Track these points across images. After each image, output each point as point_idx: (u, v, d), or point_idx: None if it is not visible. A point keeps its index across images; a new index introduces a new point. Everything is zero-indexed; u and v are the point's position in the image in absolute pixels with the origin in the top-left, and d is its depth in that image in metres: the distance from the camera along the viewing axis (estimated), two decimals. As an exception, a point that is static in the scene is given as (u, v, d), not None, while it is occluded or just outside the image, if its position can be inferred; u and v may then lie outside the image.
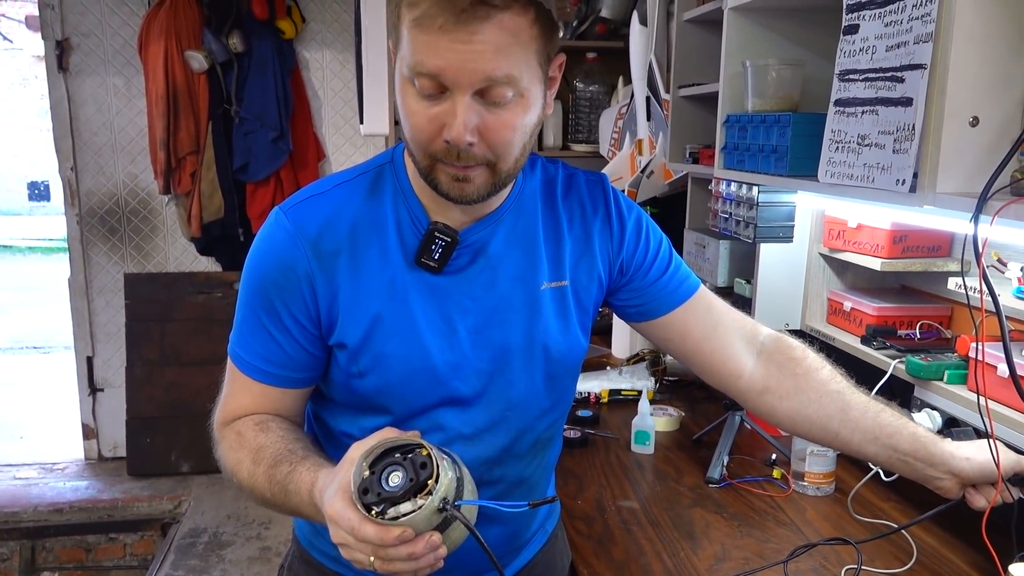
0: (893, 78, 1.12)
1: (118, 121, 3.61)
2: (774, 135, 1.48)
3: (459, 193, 0.94)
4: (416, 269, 1.00)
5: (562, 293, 1.08)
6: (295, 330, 1.00)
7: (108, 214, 3.68)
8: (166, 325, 3.64)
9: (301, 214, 0.99)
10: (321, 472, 0.88)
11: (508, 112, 0.89)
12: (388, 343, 1.00)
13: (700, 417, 2.01)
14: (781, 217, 1.65)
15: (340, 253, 0.99)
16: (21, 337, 6.68)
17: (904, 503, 1.55)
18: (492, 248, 1.04)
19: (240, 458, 0.98)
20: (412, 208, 1.01)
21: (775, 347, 1.18)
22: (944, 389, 1.35)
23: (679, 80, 2.14)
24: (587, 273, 1.10)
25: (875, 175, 1.17)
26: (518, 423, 1.09)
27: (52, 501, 3.43)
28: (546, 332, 1.06)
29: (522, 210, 1.06)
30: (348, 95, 3.70)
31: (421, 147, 0.92)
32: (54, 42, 3.50)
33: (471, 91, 0.86)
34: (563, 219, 1.09)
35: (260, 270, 1.00)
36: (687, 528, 1.46)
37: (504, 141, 0.90)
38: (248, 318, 1.02)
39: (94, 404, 3.81)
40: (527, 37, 0.87)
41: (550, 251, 1.07)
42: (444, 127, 0.88)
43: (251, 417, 1.03)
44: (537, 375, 1.08)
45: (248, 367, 1.02)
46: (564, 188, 1.11)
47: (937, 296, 1.63)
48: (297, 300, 0.99)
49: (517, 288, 1.05)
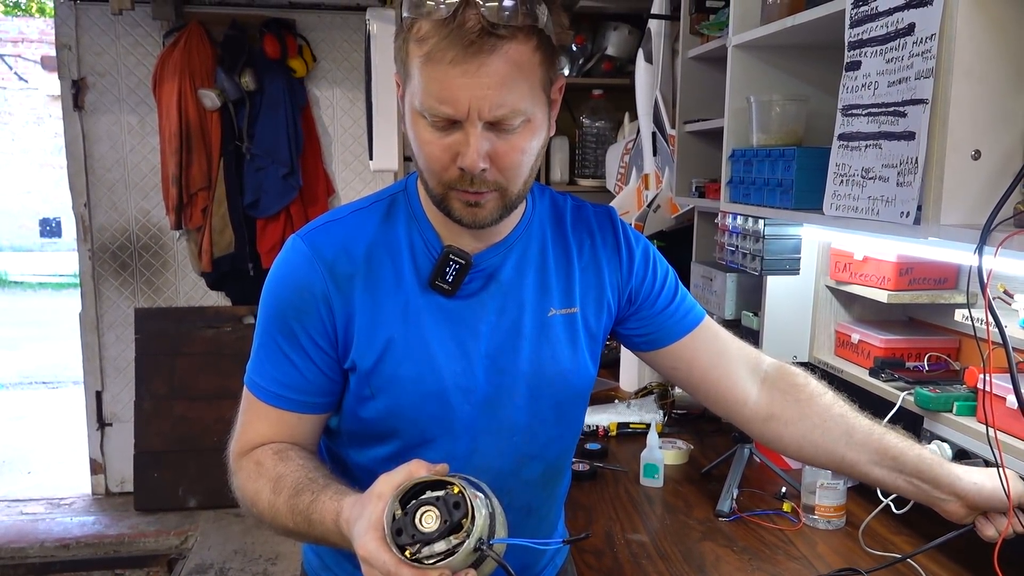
0: (895, 113, 1.14)
1: (131, 158, 3.67)
2: (779, 169, 1.50)
3: (472, 218, 0.96)
4: (429, 293, 1.02)
5: (572, 320, 1.09)
6: (313, 352, 1.01)
7: (120, 249, 3.72)
8: (176, 359, 3.66)
9: (317, 238, 1.02)
10: (345, 501, 0.88)
11: (517, 137, 0.93)
12: (401, 366, 1.01)
13: (709, 450, 2.00)
14: (787, 250, 1.66)
15: (355, 277, 1.01)
16: (30, 372, 6.70)
17: (916, 536, 1.54)
18: (503, 274, 1.05)
19: (259, 488, 0.98)
20: (425, 234, 1.04)
21: (778, 375, 1.19)
22: (953, 421, 1.35)
23: (684, 115, 2.17)
24: (596, 301, 1.12)
25: (879, 208, 1.18)
26: (526, 449, 1.09)
27: (59, 536, 3.42)
28: (555, 358, 1.07)
29: (532, 237, 1.09)
30: (357, 132, 3.75)
31: (435, 175, 0.95)
32: (70, 81, 3.57)
33: (482, 122, 0.90)
34: (573, 247, 1.11)
35: (278, 294, 1.02)
36: (697, 562, 1.45)
37: (514, 164, 0.94)
38: (266, 344, 1.03)
39: (102, 439, 3.81)
40: (531, 66, 0.91)
41: (560, 278, 1.09)
42: (457, 155, 0.91)
43: (269, 446, 1.03)
44: (546, 401, 1.08)
45: (265, 393, 1.03)
46: (573, 218, 1.13)
47: (944, 328, 1.64)
48: (315, 321, 1.00)
49: (528, 314, 1.06)
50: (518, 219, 1.07)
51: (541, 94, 0.94)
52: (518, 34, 0.88)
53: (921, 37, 1.08)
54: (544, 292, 1.08)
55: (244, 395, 1.06)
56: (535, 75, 0.92)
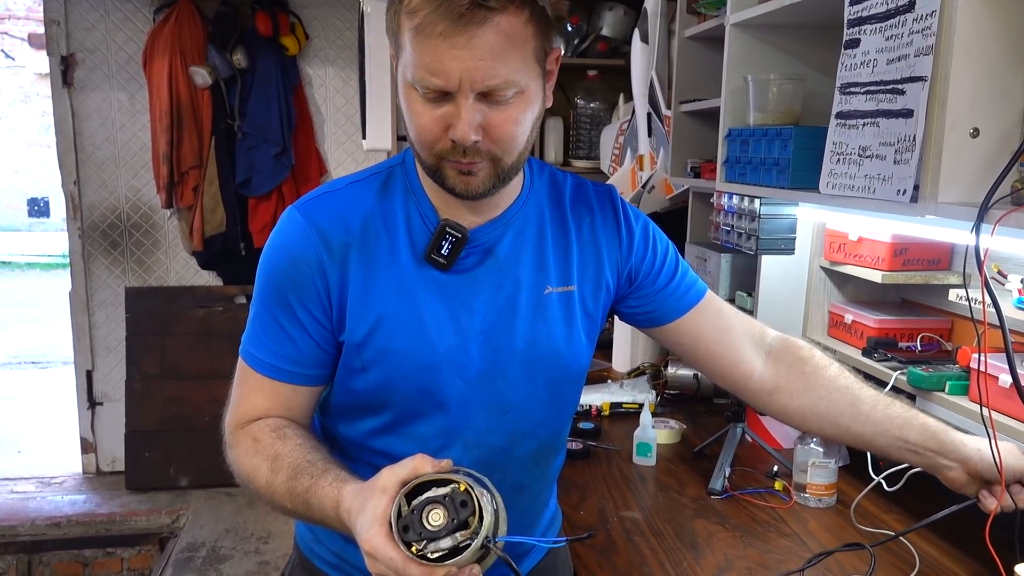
0: (894, 90, 1.14)
1: (121, 136, 3.63)
2: (776, 148, 1.50)
3: (464, 187, 0.96)
4: (425, 266, 1.02)
5: (569, 298, 1.09)
6: (308, 324, 1.01)
7: (110, 228, 3.69)
8: (166, 339, 3.64)
9: (313, 209, 1.02)
10: (345, 489, 0.88)
11: (510, 108, 0.92)
12: (393, 339, 1.01)
13: (701, 430, 2.01)
14: (783, 229, 1.66)
15: (351, 247, 1.00)
16: (20, 352, 6.67)
17: (906, 514, 1.55)
18: (500, 250, 1.05)
19: (256, 465, 0.98)
20: (422, 207, 1.03)
21: (783, 347, 1.20)
22: (946, 400, 1.36)
23: (680, 96, 2.17)
24: (594, 280, 1.11)
25: (876, 186, 1.18)
26: (520, 427, 1.09)
27: (50, 515, 3.41)
28: (550, 337, 1.07)
29: (530, 214, 1.08)
30: (350, 111, 3.73)
31: (427, 147, 0.94)
32: (59, 57, 3.52)
33: (474, 93, 0.89)
34: (571, 225, 1.10)
35: (273, 265, 1.02)
36: (690, 538, 1.46)
37: (507, 136, 0.93)
38: (261, 315, 1.03)
39: (93, 418, 3.80)
40: (524, 37, 0.90)
41: (558, 256, 1.08)
42: (449, 127, 0.91)
43: (266, 422, 1.03)
44: (540, 379, 1.08)
45: (261, 364, 1.03)
46: (573, 195, 1.12)
47: (937, 309, 1.65)
48: (310, 292, 1.00)
49: (524, 291, 1.06)
50: (516, 195, 1.07)
51: (535, 65, 0.93)
52: (509, 6, 0.88)
53: (921, 14, 1.08)
54: (541, 269, 1.07)
55: (239, 367, 1.06)
56: (528, 46, 0.91)
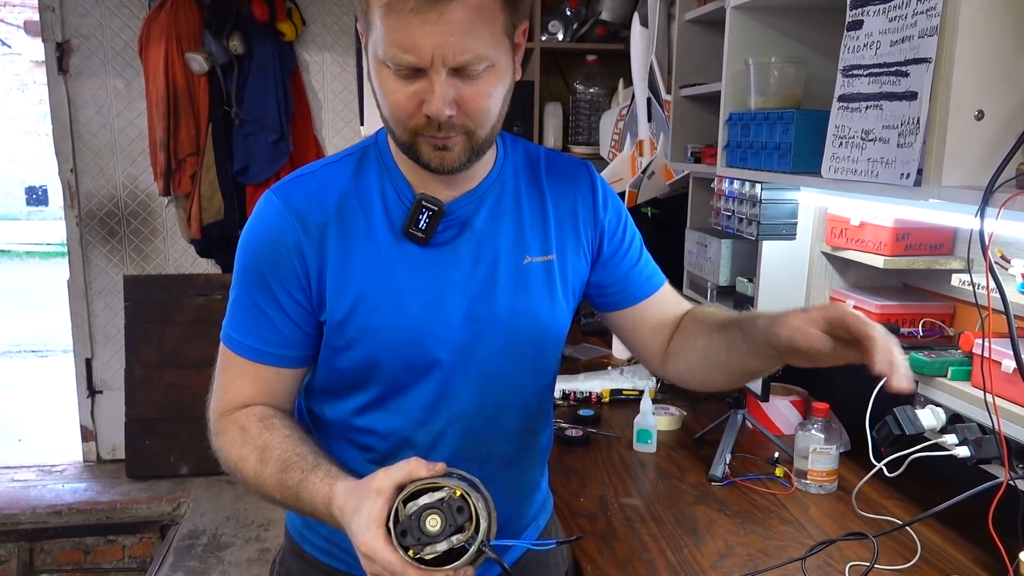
0: (897, 72, 1.12)
1: (118, 123, 3.61)
2: (777, 132, 1.48)
3: (440, 162, 0.97)
4: (403, 241, 1.03)
5: (548, 267, 1.09)
6: (288, 306, 1.02)
7: (108, 216, 3.68)
8: (165, 327, 3.63)
9: (289, 191, 1.03)
10: (336, 487, 0.88)
11: (482, 82, 0.93)
12: (374, 315, 1.02)
13: (702, 416, 2.01)
14: (784, 214, 1.65)
15: (328, 226, 1.01)
16: (19, 341, 6.66)
17: (906, 500, 1.55)
18: (477, 222, 1.06)
19: (244, 455, 0.99)
20: (397, 183, 1.04)
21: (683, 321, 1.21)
22: (948, 385, 1.35)
23: (680, 80, 2.15)
24: (574, 249, 1.12)
25: (879, 170, 1.17)
26: (504, 398, 1.10)
27: (51, 503, 3.42)
28: (530, 306, 1.08)
29: (506, 185, 1.09)
30: (348, 98, 3.70)
31: (401, 123, 0.95)
32: (54, 44, 3.50)
33: (446, 69, 0.90)
34: (547, 195, 1.11)
35: (251, 248, 1.03)
36: (690, 525, 1.46)
37: (480, 110, 0.94)
38: (241, 299, 1.04)
39: (93, 406, 3.80)
40: (492, 12, 0.90)
41: (535, 226, 1.09)
42: (423, 103, 0.92)
43: (253, 411, 1.03)
44: (523, 349, 1.09)
45: (242, 347, 1.04)
46: (547, 165, 1.13)
47: (939, 294, 1.63)
48: (289, 274, 1.01)
49: (503, 262, 1.06)
50: (490, 167, 1.08)
51: (504, 39, 0.94)
52: None
53: (926, -6, 1.06)
54: (520, 240, 1.08)
55: (221, 352, 1.07)
56: (497, 21, 0.91)
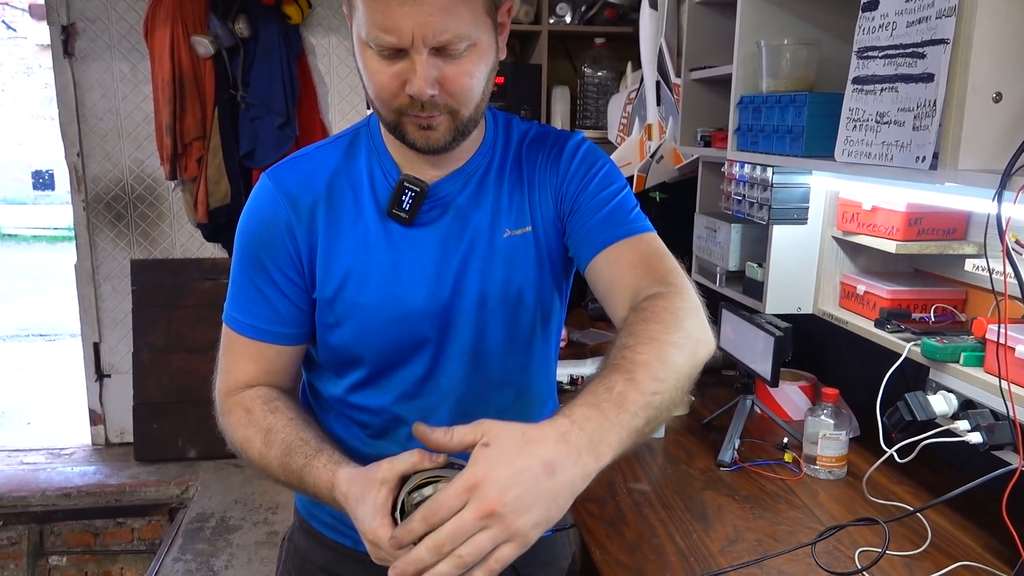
0: (914, 54, 1.10)
1: (124, 107, 3.60)
2: (789, 115, 1.47)
3: (425, 141, 0.98)
4: (388, 221, 1.05)
5: (526, 240, 1.08)
6: (283, 284, 1.05)
7: (114, 200, 3.68)
8: (172, 311, 3.64)
9: (281, 173, 1.07)
10: (340, 474, 0.89)
11: (464, 62, 0.93)
12: (362, 292, 1.04)
13: (710, 402, 2.01)
14: (796, 199, 1.63)
15: (317, 205, 1.04)
16: (27, 325, 6.69)
17: (916, 486, 1.55)
18: (461, 201, 1.07)
19: (249, 436, 1.01)
20: (385, 164, 1.06)
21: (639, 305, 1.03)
22: (960, 371, 1.34)
23: (690, 63, 2.13)
24: (553, 219, 1.09)
25: (894, 153, 1.15)
26: (493, 375, 1.10)
27: (60, 486, 3.44)
28: (511, 280, 1.07)
29: (492, 164, 1.09)
30: (354, 81, 3.68)
31: (385, 103, 0.96)
32: (60, 27, 3.48)
33: (427, 49, 0.90)
34: (524, 167, 1.10)
35: (246, 230, 1.06)
36: (699, 510, 1.46)
37: (463, 89, 0.94)
38: (239, 280, 1.07)
39: (101, 390, 3.81)
40: None
41: (513, 199, 1.09)
42: (406, 83, 0.92)
43: (257, 392, 1.05)
44: (508, 325, 1.09)
45: (242, 326, 1.06)
46: (531, 140, 1.12)
47: (952, 279, 1.62)
48: (282, 253, 1.04)
49: (485, 238, 1.07)
50: (476, 147, 1.08)
51: (486, 18, 0.94)
52: None
53: (944, -26, 1.05)
54: (499, 215, 1.08)
55: (223, 333, 1.09)
56: (477, 0, 0.92)
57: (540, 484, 0.71)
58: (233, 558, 3.00)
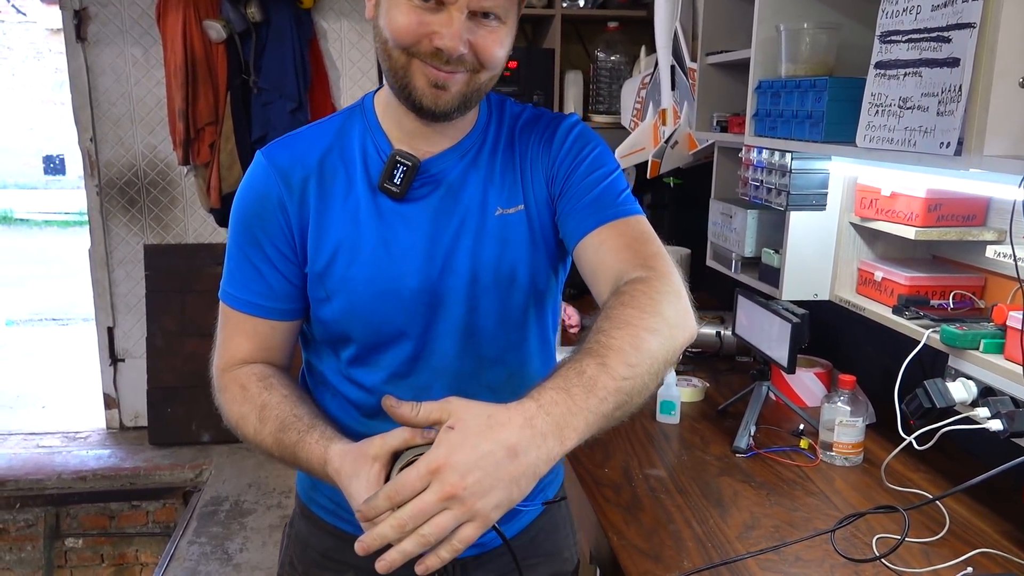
0: (939, 38, 1.09)
1: (136, 91, 3.60)
2: (809, 100, 1.46)
3: (433, 101, 0.97)
4: (380, 196, 1.05)
5: (519, 218, 1.08)
6: (276, 259, 1.06)
7: (127, 185, 3.68)
8: (186, 296, 3.65)
9: (274, 150, 1.08)
10: (332, 449, 0.90)
11: (497, 32, 0.96)
12: (352, 266, 1.04)
13: (724, 388, 2.00)
14: (814, 185, 1.62)
15: (309, 180, 1.05)
16: (40, 309, 6.73)
17: (933, 473, 1.54)
18: (453, 178, 1.07)
19: (244, 412, 1.02)
20: (377, 140, 1.07)
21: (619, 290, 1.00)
22: (980, 358, 1.33)
23: (707, 47, 2.11)
24: (544, 198, 1.09)
25: (917, 139, 1.14)
26: (485, 352, 1.10)
27: (76, 469, 3.47)
28: (503, 258, 1.07)
29: (485, 144, 1.09)
30: (366, 66, 3.67)
31: (403, 47, 0.95)
32: (72, 11, 3.48)
33: (467, 10, 0.92)
34: (517, 148, 1.10)
35: (241, 206, 1.07)
36: (715, 496, 1.46)
37: (492, 55, 0.96)
38: (235, 256, 1.08)
39: (115, 374, 3.84)
40: None
41: (506, 178, 1.09)
42: (433, 35, 0.93)
43: (253, 369, 1.06)
44: (499, 302, 1.08)
45: (237, 301, 1.07)
46: (525, 121, 1.12)
47: (971, 266, 1.61)
48: (274, 228, 1.05)
49: (477, 215, 1.07)
50: (470, 126, 1.09)
51: (517, 3, 0.97)
52: None
53: (971, -43, 1.03)
54: (492, 193, 1.08)
55: (220, 311, 1.10)
56: None
57: (502, 468, 0.72)
58: (247, 541, 3.03)
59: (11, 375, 4.89)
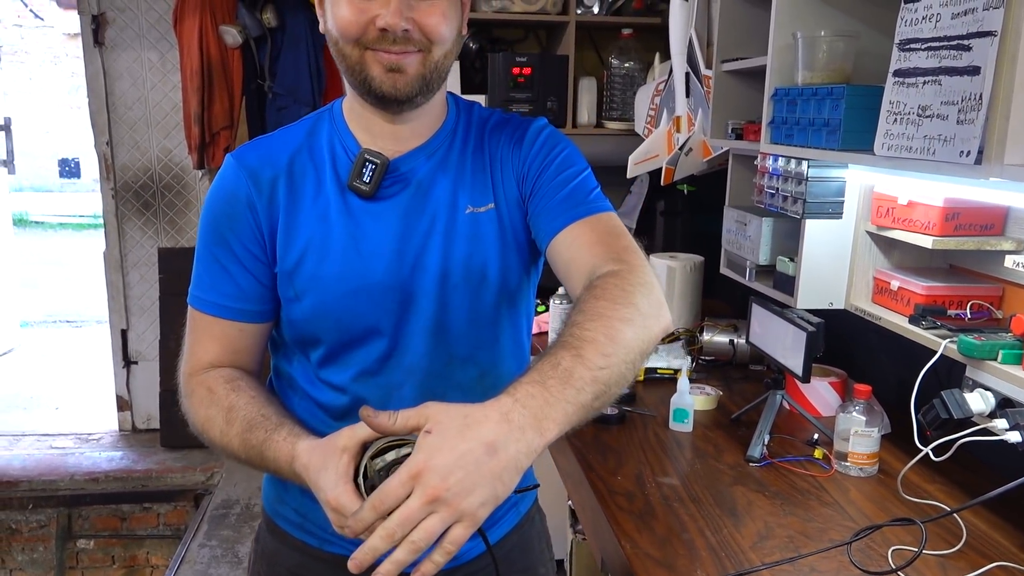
0: (959, 47, 1.09)
1: (153, 96, 3.63)
2: (826, 108, 1.45)
3: (392, 85, 0.99)
4: (349, 195, 1.06)
5: (489, 217, 1.09)
6: (246, 259, 1.06)
7: (142, 188, 3.71)
8: (199, 299, 3.67)
9: (244, 151, 1.09)
10: (299, 445, 0.90)
11: (437, 5, 0.98)
12: (321, 265, 1.05)
13: (737, 397, 1.99)
14: (831, 193, 1.61)
15: (278, 180, 1.06)
16: (54, 311, 6.78)
17: (950, 484, 1.53)
18: (423, 177, 1.08)
19: (211, 415, 1.02)
20: (345, 140, 1.08)
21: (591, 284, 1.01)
22: (998, 369, 1.32)
23: (722, 54, 2.10)
24: (516, 198, 1.10)
25: (936, 147, 1.14)
26: (455, 351, 1.10)
27: (88, 470, 3.49)
28: (473, 256, 1.07)
29: (454, 144, 1.10)
30: (380, 71, 3.69)
31: (351, 39, 0.98)
32: (90, 16, 3.51)
33: None
34: (487, 148, 1.11)
35: (210, 207, 1.09)
36: (729, 505, 1.45)
37: (435, 26, 0.98)
38: (203, 258, 1.08)
39: (128, 376, 3.86)
40: None
41: (476, 176, 1.09)
42: (376, 18, 0.95)
43: (220, 373, 1.06)
44: (469, 300, 1.09)
45: (205, 304, 1.08)
46: (494, 124, 1.12)
47: (988, 276, 1.60)
48: (244, 227, 1.06)
49: (447, 214, 1.07)
50: (438, 125, 1.09)
51: None
52: None
53: (992, -35, 1.03)
54: (462, 191, 1.08)
55: (188, 315, 1.10)
56: None
57: (483, 465, 0.72)
58: (258, 544, 3.04)
59: (25, 376, 4.92)
